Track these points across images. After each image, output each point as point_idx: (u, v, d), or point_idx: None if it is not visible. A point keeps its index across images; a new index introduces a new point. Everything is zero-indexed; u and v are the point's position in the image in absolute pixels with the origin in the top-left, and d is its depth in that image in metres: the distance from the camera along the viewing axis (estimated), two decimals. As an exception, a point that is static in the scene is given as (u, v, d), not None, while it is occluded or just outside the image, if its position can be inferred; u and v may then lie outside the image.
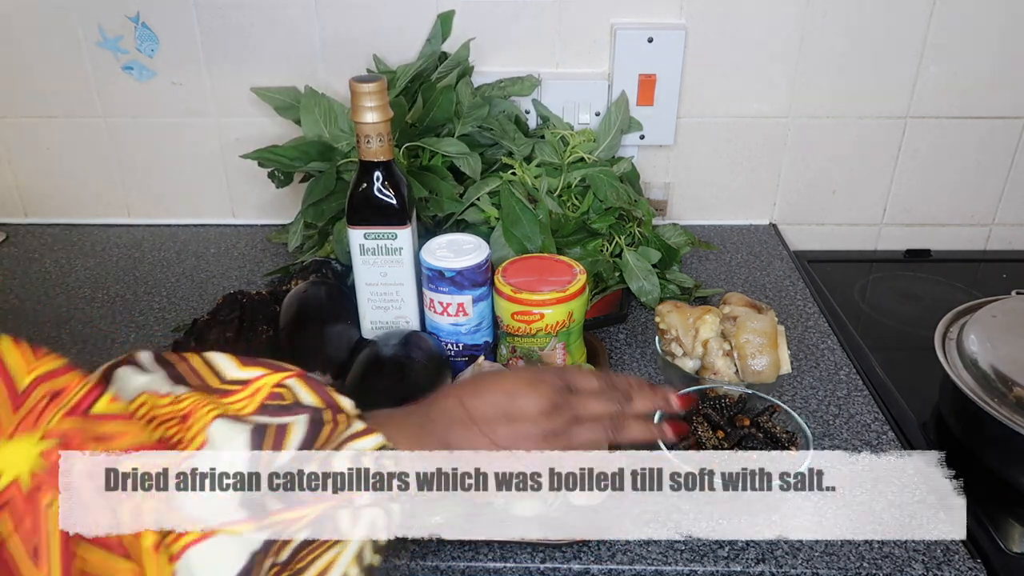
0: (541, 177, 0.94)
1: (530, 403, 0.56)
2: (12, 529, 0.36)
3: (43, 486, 0.37)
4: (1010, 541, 0.67)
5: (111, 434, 0.41)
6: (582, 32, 1.05)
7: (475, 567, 0.64)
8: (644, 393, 0.61)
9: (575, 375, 0.60)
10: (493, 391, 0.57)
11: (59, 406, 0.40)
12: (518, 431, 0.55)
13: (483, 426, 0.55)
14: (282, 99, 1.02)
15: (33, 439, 0.38)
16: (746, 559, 0.64)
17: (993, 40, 1.04)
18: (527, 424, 0.56)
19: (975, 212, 1.17)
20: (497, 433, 0.55)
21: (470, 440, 0.55)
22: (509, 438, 0.55)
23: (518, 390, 0.56)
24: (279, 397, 0.48)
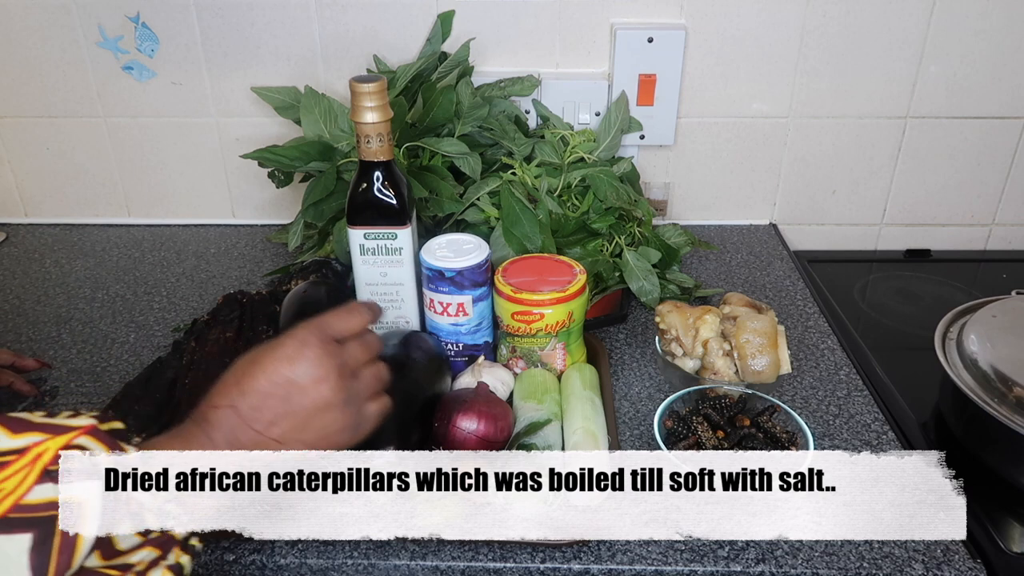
0: (541, 177, 0.94)
1: (304, 375, 0.53)
2: None
3: None
4: (1010, 541, 0.67)
5: None
6: (582, 32, 1.05)
7: (475, 567, 0.64)
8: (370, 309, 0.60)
9: (332, 322, 0.57)
10: (262, 385, 0.52)
11: None
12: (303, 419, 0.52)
13: (267, 426, 0.52)
14: (282, 99, 1.02)
15: None
16: (746, 559, 0.64)
17: (993, 40, 1.04)
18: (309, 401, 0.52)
19: (975, 212, 1.17)
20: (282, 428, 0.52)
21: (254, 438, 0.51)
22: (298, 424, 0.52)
23: (285, 369, 0.52)
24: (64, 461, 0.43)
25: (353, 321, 0.58)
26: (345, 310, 0.58)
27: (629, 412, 0.80)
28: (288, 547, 0.64)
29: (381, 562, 0.64)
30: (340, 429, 0.55)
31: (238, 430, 0.51)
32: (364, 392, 0.57)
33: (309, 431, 0.53)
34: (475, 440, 0.69)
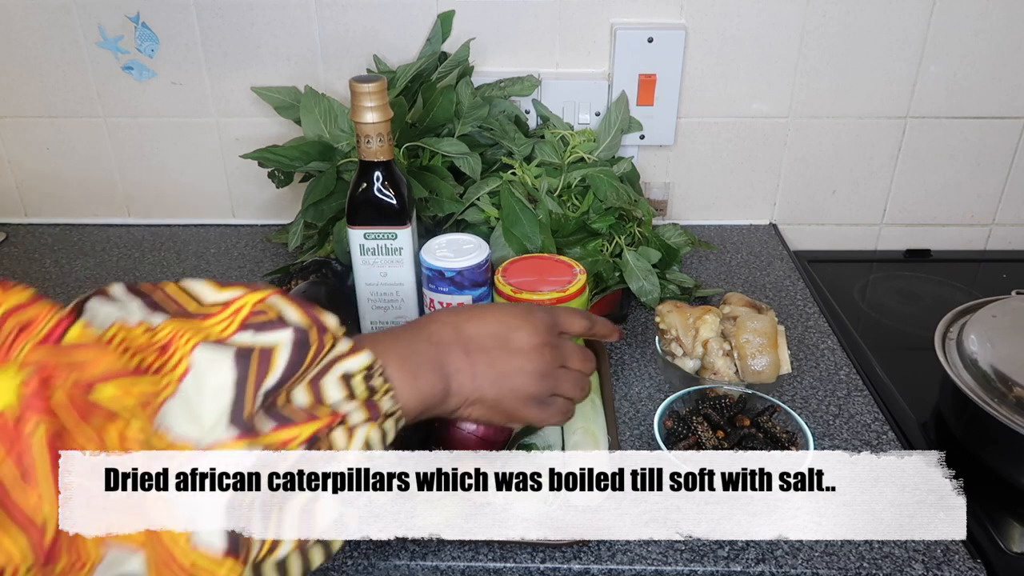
0: (541, 177, 0.94)
1: (525, 336, 0.56)
2: (2, 456, 0.37)
3: (25, 414, 0.37)
4: (1010, 541, 0.67)
5: (85, 362, 0.40)
6: (582, 32, 1.05)
7: (475, 567, 0.64)
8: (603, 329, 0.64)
9: (564, 316, 0.61)
10: (489, 321, 0.56)
11: (29, 337, 0.40)
12: (513, 364, 0.55)
13: (477, 353, 0.55)
14: (282, 99, 1.02)
15: (9, 372, 0.38)
16: (746, 559, 0.64)
17: (993, 40, 1.04)
18: (521, 358, 0.56)
19: (975, 212, 1.17)
20: (492, 362, 0.55)
21: (462, 366, 0.54)
22: (503, 370, 0.55)
23: (515, 322, 0.57)
24: (261, 314, 0.47)
25: (579, 323, 0.62)
26: (576, 312, 0.63)
27: (629, 412, 0.80)
28: (288, 547, 0.64)
29: (381, 562, 0.64)
30: (528, 398, 0.57)
31: (448, 347, 0.54)
32: (562, 383, 0.59)
33: (504, 384, 0.55)
34: (475, 440, 0.69)
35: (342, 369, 0.47)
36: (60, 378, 0.39)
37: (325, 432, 0.46)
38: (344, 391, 0.47)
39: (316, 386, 0.46)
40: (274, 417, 0.44)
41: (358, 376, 0.48)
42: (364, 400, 0.48)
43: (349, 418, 0.47)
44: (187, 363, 0.42)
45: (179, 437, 0.41)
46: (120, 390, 0.40)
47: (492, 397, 0.56)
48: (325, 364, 0.47)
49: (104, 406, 0.40)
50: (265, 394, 0.44)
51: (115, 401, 0.40)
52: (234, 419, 0.42)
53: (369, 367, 0.49)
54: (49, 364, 0.39)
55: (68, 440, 0.38)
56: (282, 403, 0.45)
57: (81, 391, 0.39)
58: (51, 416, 0.38)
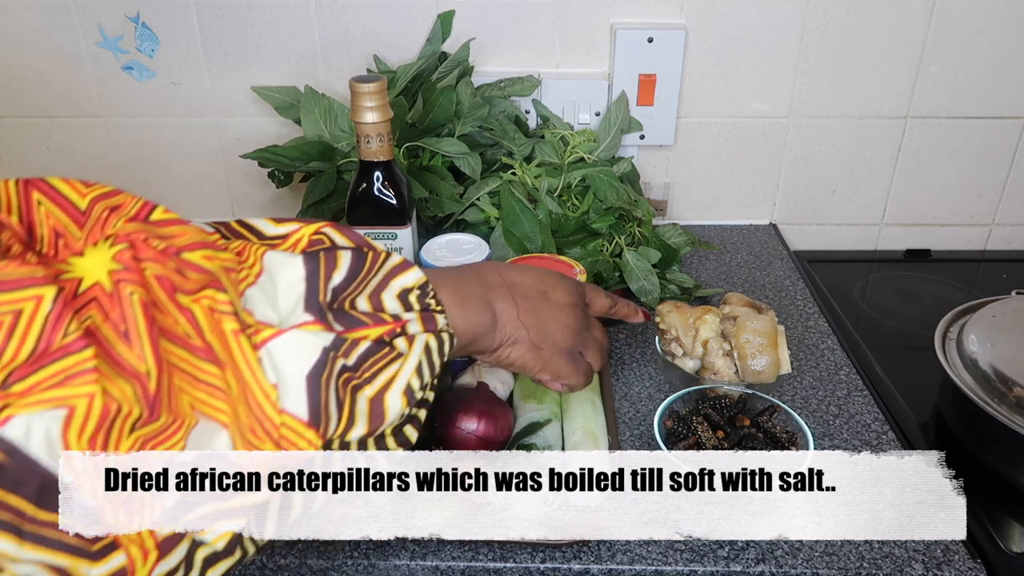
0: (541, 177, 0.94)
1: (563, 295, 0.62)
2: (102, 319, 0.39)
3: (122, 280, 0.40)
4: (1010, 541, 0.67)
5: (172, 235, 0.43)
6: (582, 32, 1.05)
7: (475, 567, 0.64)
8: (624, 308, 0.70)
9: (590, 290, 0.67)
10: (530, 274, 0.61)
11: (119, 216, 0.43)
12: (552, 315, 0.60)
13: (521, 298, 0.59)
14: (282, 99, 1.02)
15: (104, 246, 0.41)
16: (746, 559, 0.64)
17: (993, 40, 1.04)
18: (559, 311, 0.60)
19: (975, 212, 1.17)
20: (534, 308, 0.59)
21: (507, 305, 0.58)
22: (543, 318, 0.59)
23: (552, 280, 0.62)
24: (319, 243, 0.50)
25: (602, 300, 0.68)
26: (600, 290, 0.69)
27: (629, 412, 0.80)
28: (288, 547, 0.64)
29: (381, 562, 0.64)
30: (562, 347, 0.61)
31: (495, 287, 0.58)
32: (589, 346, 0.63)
33: (543, 330, 0.59)
34: (475, 440, 0.69)
35: (399, 285, 0.50)
36: (150, 250, 0.41)
37: (388, 336, 0.48)
38: (401, 305, 0.50)
39: (376, 298, 0.49)
40: (343, 319, 0.47)
41: (413, 293, 0.51)
42: (420, 314, 0.50)
43: (408, 327, 0.49)
44: (260, 264, 0.45)
45: (262, 317, 0.44)
46: (205, 258, 0.43)
47: (533, 340, 0.59)
48: (383, 277, 0.50)
49: (197, 263, 0.42)
50: (333, 290, 0.47)
51: (208, 261, 0.43)
52: (309, 306, 0.45)
53: (423, 285, 0.51)
54: (140, 235, 0.41)
55: (159, 314, 0.41)
56: (347, 308, 0.48)
57: (171, 256, 0.42)
58: (144, 287, 0.40)
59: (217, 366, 0.42)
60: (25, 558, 0.35)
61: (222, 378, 0.42)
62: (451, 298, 0.54)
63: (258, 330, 0.43)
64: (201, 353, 0.42)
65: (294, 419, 0.43)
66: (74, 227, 0.43)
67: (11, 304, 0.36)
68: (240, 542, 0.44)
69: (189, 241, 0.43)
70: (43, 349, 0.36)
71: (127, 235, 0.41)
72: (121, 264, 0.40)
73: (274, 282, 0.45)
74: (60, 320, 0.36)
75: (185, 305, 0.41)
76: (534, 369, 0.61)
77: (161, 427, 0.40)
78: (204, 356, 0.42)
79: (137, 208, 0.43)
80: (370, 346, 0.47)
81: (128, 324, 0.39)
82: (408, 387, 0.48)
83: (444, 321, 0.52)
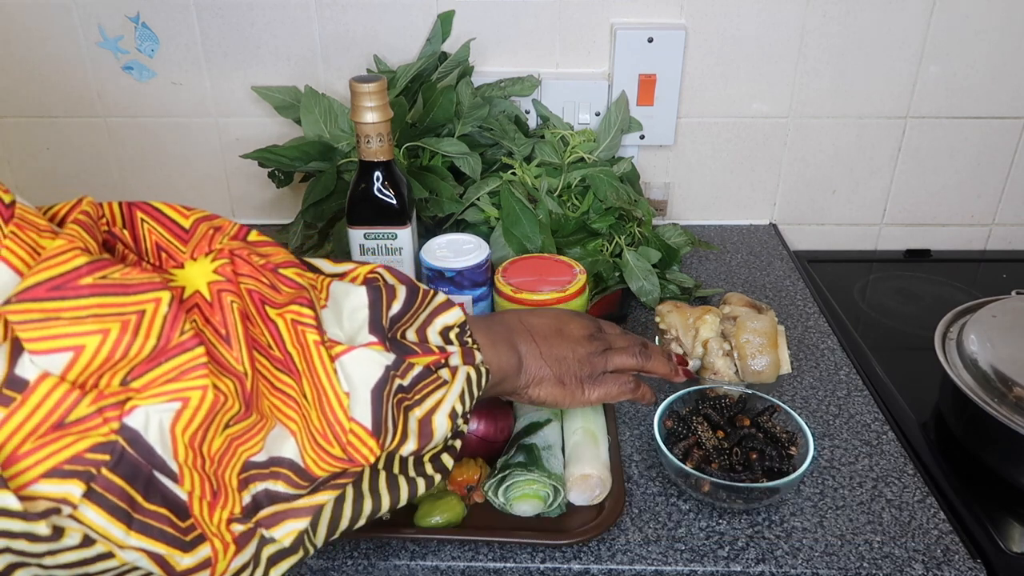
0: (541, 177, 0.94)
1: (576, 328, 0.66)
2: (204, 323, 0.43)
3: (223, 290, 0.45)
4: (1010, 541, 0.67)
5: (268, 253, 0.48)
6: (582, 32, 1.05)
7: (475, 567, 0.64)
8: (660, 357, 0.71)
9: (603, 322, 0.71)
10: (545, 315, 0.67)
11: (223, 235, 0.48)
12: (566, 349, 0.64)
13: (539, 338, 0.63)
14: (282, 99, 1.02)
15: (206, 260, 0.46)
16: (746, 559, 0.64)
17: (993, 40, 1.04)
18: (573, 343, 0.65)
19: (975, 212, 1.17)
20: (552, 346, 0.63)
21: (529, 347, 0.63)
22: (559, 353, 0.64)
23: (566, 317, 0.67)
24: (374, 280, 0.54)
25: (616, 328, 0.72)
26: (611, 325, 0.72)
27: (629, 412, 0.80)
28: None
29: (381, 562, 0.64)
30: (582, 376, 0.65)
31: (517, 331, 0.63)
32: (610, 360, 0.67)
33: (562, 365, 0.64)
34: (475, 440, 0.69)
35: (442, 323, 0.55)
36: (249, 265, 0.46)
37: (435, 365, 0.53)
38: (443, 341, 0.55)
39: (423, 332, 0.55)
40: (396, 346, 0.51)
41: (453, 331, 0.56)
42: (461, 348, 0.55)
43: (451, 359, 0.54)
44: (327, 292, 0.50)
45: (333, 336, 0.48)
46: (297, 274, 0.48)
47: (555, 376, 0.63)
48: (429, 313, 0.55)
49: (291, 278, 0.48)
50: (392, 319, 0.52)
51: (299, 276, 0.48)
52: (373, 329, 0.50)
53: (462, 324, 0.56)
54: (243, 252, 0.47)
55: (248, 323, 0.45)
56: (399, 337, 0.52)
57: (268, 271, 0.47)
58: (240, 298, 0.45)
59: (292, 376, 0.46)
60: (131, 544, 0.39)
61: (296, 389, 0.46)
62: (484, 339, 0.58)
63: (332, 345, 0.47)
64: (279, 363, 0.46)
65: (361, 427, 0.47)
66: (178, 243, 0.48)
67: (136, 305, 0.39)
68: (303, 540, 0.47)
69: (283, 259, 0.49)
70: (163, 346, 0.40)
71: (230, 251, 0.47)
72: (223, 276, 0.45)
73: (340, 307, 0.50)
74: (176, 320, 0.40)
75: (271, 317, 0.46)
76: (563, 403, 0.65)
77: (249, 425, 0.44)
78: (282, 367, 0.46)
79: (236, 229, 0.49)
80: (421, 371, 0.51)
81: (228, 328, 0.44)
82: (453, 410, 0.52)
83: (480, 357, 0.56)
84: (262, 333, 0.46)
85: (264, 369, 0.46)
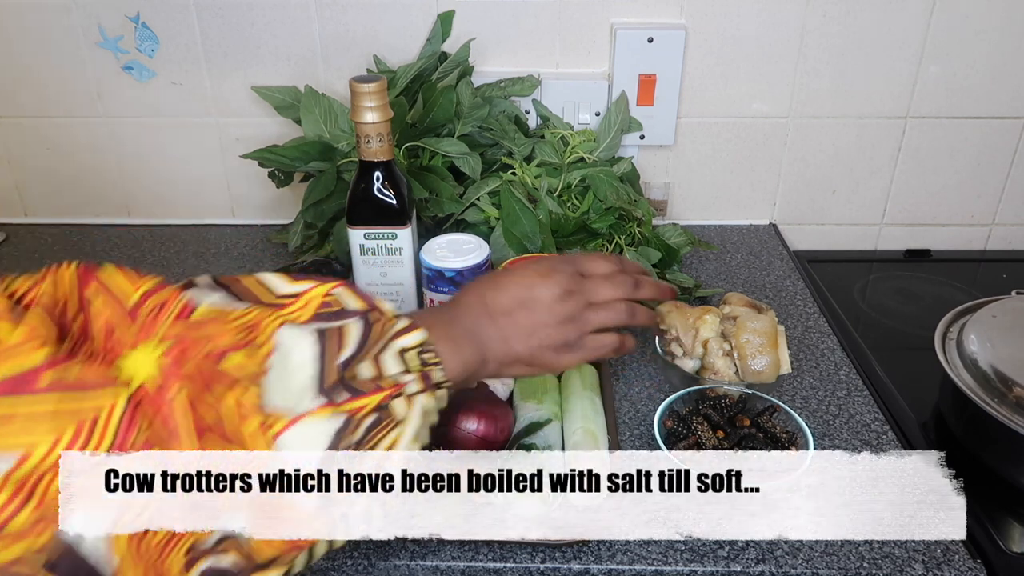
0: (541, 177, 0.94)
1: (545, 292, 0.60)
2: (150, 421, 0.42)
3: (166, 383, 0.44)
4: (1010, 541, 0.67)
5: (212, 334, 0.47)
6: (582, 32, 1.05)
7: (475, 567, 0.64)
8: (649, 282, 0.66)
9: (586, 261, 0.65)
10: (510, 284, 0.61)
11: (167, 315, 0.47)
12: (535, 319, 0.60)
13: (503, 318, 0.59)
14: (282, 98, 1.02)
15: (151, 345, 0.45)
16: (746, 559, 0.64)
17: (993, 40, 1.04)
18: (543, 312, 0.60)
19: (975, 212, 1.17)
20: (517, 323, 0.59)
21: (493, 332, 0.59)
22: (528, 327, 0.59)
23: (533, 281, 0.61)
24: (329, 306, 0.52)
25: (603, 265, 0.65)
26: (599, 255, 0.67)
27: (629, 412, 0.80)
28: (288, 547, 0.64)
29: (381, 562, 0.64)
30: (560, 345, 0.61)
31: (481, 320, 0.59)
32: (594, 322, 0.62)
33: (535, 337, 0.60)
34: (475, 440, 0.69)
35: (400, 345, 0.52)
36: (195, 349, 0.45)
37: (388, 400, 0.50)
38: (401, 365, 0.52)
39: (378, 361, 0.51)
40: (347, 389, 0.49)
41: (412, 351, 0.53)
42: (419, 373, 0.52)
43: (407, 388, 0.51)
44: (272, 341, 0.48)
45: (275, 408, 0.46)
46: (245, 359, 0.46)
47: (526, 354, 0.60)
48: (386, 341, 0.52)
49: (230, 373, 0.45)
50: (341, 365, 0.49)
51: (240, 369, 0.46)
52: (319, 389, 0.47)
53: (422, 344, 0.53)
54: (183, 337, 0.45)
55: (197, 405, 0.44)
56: (351, 376, 0.50)
57: (212, 361, 0.45)
58: (188, 381, 0.44)
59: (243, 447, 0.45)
60: None
61: None
62: (445, 344, 0.55)
63: (271, 424, 0.45)
64: (232, 440, 0.45)
65: None
66: (125, 324, 0.46)
67: (92, 407, 0.39)
68: None
69: (229, 344, 0.47)
70: (117, 448, 0.40)
71: (175, 335, 0.45)
72: (168, 361, 0.44)
73: (285, 363, 0.47)
74: (132, 424, 0.41)
75: (214, 400, 0.45)
76: (541, 373, 0.62)
77: None
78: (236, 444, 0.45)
79: (181, 307, 0.47)
80: (373, 420, 0.49)
81: (177, 421, 0.43)
82: None
83: (441, 373, 0.54)
84: (209, 408, 0.45)
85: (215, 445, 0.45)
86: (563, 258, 0.65)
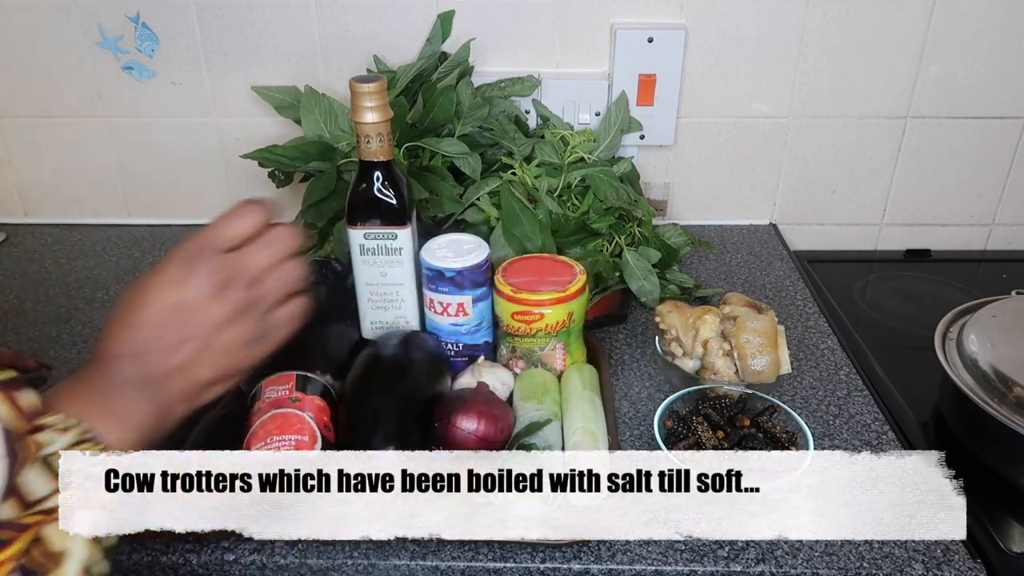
0: (541, 177, 0.94)
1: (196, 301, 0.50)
2: None
3: None
4: (1010, 541, 0.67)
5: None
6: (582, 32, 1.05)
7: (475, 567, 0.64)
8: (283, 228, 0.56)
9: (217, 231, 0.53)
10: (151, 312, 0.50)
11: None
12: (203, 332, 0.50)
13: (164, 359, 0.49)
14: (282, 98, 1.02)
15: None
16: (746, 559, 0.64)
17: (993, 40, 1.04)
18: (208, 326, 0.50)
19: (975, 212, 1.17)
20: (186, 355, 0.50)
21: (160, 382, 0.50)
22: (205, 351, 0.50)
23: (174, 295, 0.50)
24: None
25: (241, 225, 0.54)
26: (231, 213, 0.54)
27: (629, 412, 0.80)
28: (288, 547, 0.64)
29: (381, 562, 0.64)
30: (245, 343, 0.52)
31: (138, 370, 0.49)
32: (269, 297, 0.54)
33: (213, 350, 0.51)
34: (475, 440, 0.69)
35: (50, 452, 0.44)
36: None
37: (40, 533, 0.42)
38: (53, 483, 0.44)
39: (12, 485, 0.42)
40: None
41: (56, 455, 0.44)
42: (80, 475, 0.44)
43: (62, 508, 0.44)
44: None
45: None
46: None
47: (214, 374, 0.52)
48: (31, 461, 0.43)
49: None
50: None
51: None
52: None
53: (78, 442, 0.45)
54: None
55: None
56: None
57: None
58: None
59: None
60: None
61: None
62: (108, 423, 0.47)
63: None
64: None
65: None
66: None
67: None
68: None
69: None
70: None
71: None
72: None
73: None
74: None
75: None
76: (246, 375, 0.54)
77: None
78: None
79: None
80: None
81: None
82: None
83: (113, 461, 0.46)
84: None
85: None
86: (195, 242, 0.52)
